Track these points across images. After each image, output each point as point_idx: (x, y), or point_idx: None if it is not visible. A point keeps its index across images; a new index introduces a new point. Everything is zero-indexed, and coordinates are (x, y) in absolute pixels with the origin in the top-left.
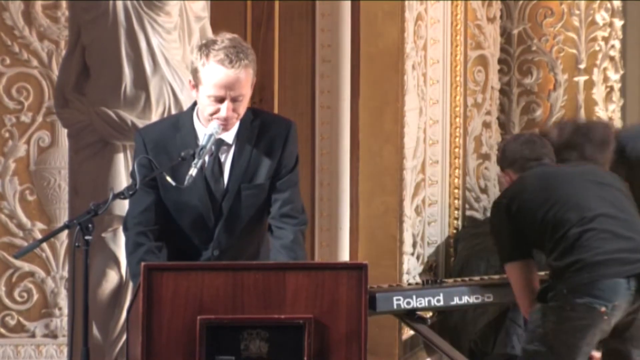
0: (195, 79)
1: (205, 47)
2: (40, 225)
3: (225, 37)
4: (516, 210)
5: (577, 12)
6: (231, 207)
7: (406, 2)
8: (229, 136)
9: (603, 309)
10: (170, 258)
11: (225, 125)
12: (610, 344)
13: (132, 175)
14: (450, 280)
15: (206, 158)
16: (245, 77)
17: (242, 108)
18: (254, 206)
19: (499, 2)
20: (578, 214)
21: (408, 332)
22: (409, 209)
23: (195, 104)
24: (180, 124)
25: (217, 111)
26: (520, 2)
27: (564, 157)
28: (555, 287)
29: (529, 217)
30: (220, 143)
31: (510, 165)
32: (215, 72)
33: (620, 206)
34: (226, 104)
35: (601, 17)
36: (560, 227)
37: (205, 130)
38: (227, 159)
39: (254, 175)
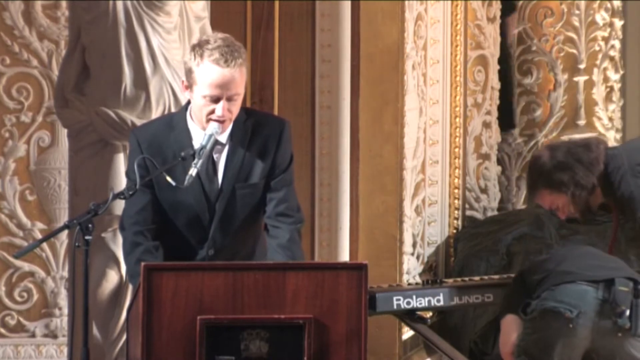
0: (190, 79)
1: (199, 47)
2: (40, 225)
3: (218, 37)
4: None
5: (577, 12)
6: (226, 206)
7: (406, 2)
8: (223, 136)
9: (568, 314)
10: (166, 257)
11: (221, 125)
12: None
13: (128, 175)
14: (450, 280)
15: None
16: (240, 76)
17: (236, 108)
18: (249, 206)
19: (499, 2)
20: (564, 250)
21: (408, 332)
22: (409, 209)
23: (188, 103)
24: (174, 123)
25: (212, 111)
26: (520, 2)
27: (555, 179)
28: (531, 301)
29: None
30: (214, 143)
31: None
32: (211, 72)
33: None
34: (222, 104)
35: (601, 17)
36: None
37: (198, 130)
38: (221, 159)
39: (248, 175)
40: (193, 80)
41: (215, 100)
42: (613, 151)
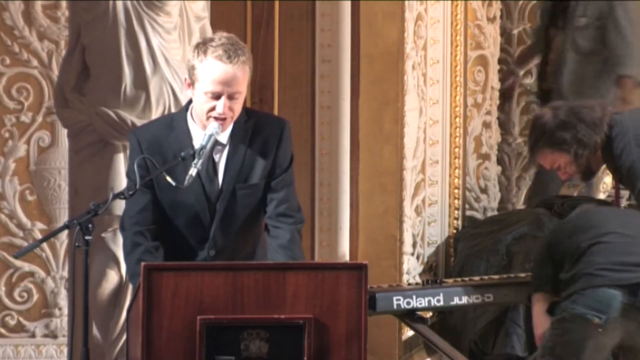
0: (192, 76)
1: (203, 44)
2: (40, 225)
3: (223, 35)
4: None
5: None
6: (226, 207)
7: (406, 2)
8: (223, 136)
9: (596, 320)
10: (166, 258)
11: (222, 124)
12: None
13: (128, 175)
14: (450, 280)
15: None
16: (242, 74)
17: (238, 107)
18: (249, 206)
19: (499, 2)
20: (592, 232)
21: (408, 332)
22: (409, 209)
23: (189, 103)
24: (174, 123)
25: (212, 109)
26: (520, 2)
27: (557, 138)
28: (560, 300)
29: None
30: (214, 143)
31: None
32: (213, 68)
33: (631, 223)
34: (222, 101)
35: None
36: (575, 244)
37: (199, 130)
38: (222, 159)
39: (248, 175)
40: (195, 77)
41: (217, 97)
42: (618, 116)
